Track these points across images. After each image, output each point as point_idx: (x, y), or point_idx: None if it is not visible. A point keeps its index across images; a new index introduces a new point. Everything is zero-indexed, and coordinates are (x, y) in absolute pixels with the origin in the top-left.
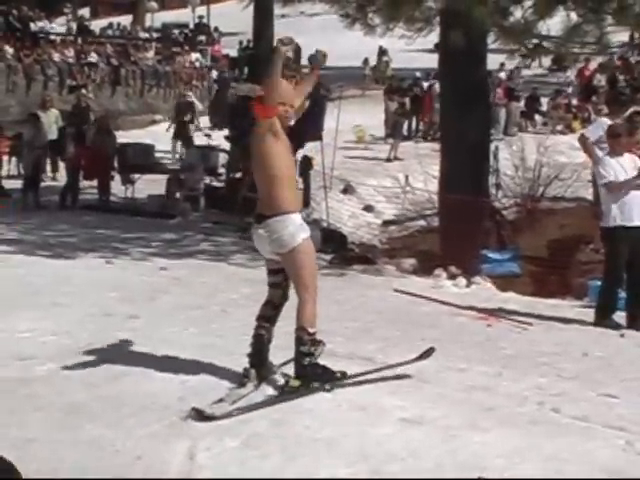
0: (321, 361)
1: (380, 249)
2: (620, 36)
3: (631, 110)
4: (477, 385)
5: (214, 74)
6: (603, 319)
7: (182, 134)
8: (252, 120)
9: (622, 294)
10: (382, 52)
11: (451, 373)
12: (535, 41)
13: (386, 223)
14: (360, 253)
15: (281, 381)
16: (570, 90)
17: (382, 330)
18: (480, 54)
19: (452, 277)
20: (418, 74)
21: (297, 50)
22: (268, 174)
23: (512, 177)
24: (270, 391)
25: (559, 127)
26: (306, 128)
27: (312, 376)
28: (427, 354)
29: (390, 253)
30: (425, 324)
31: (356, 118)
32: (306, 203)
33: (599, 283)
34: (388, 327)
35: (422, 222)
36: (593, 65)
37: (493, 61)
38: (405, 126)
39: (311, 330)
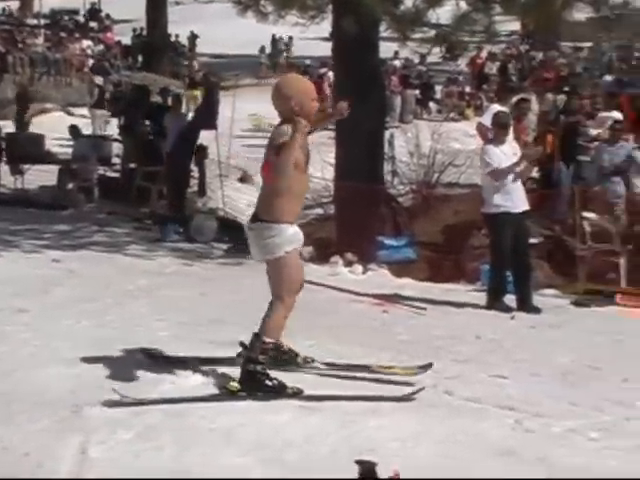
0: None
1: None
2: (511, 25)
3: (518, 97)
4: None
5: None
6: (494, 302)
7: None
8: (145, 109)
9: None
10: (276, 40)
11: (347, 359)
12: (425, 29)
13: None
14: None
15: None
16: (463, 78)
17: None
18: (373, 42)
19: (349, 264)
20: (308, 62)
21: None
22: (280, 185)
23: (407, 164)
24: (213, 389)
25: (453, 114)
26: (201, 117)
27: (256, 384)
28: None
29: None
30: (322, 311)
31: (253, 107)
32: (202, 192)
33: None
34: None
35: (319, 210)
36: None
37: (388, 49)
38: None
39: (266, 339)
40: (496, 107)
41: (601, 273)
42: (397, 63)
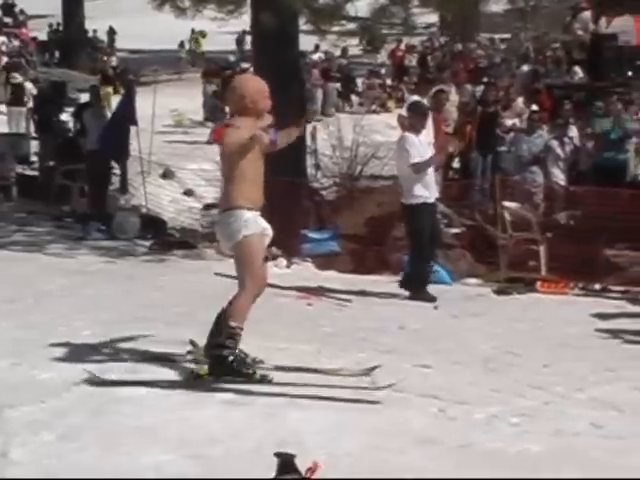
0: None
1: (201, 233)
2: (429, 18)
3: (436, 88)
4: (297, 364)
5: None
6: (418, 293)
7: None
8: (61, 106)
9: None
10: (195, 34)
11: (271, 353)
12: (344, 22)
13: (207, 207)
14: (181, 238)
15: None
16: (384, 71)
17: (203, 314)
18: (292, 35)
19: (273, 258)
20: (231, 57)
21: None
22: (232, 172)
23: (330, 157)
24: (177, 375)
25: (374, 107)
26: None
27: (224, 368)
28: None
29: (212, 237)
30: None
31: (173, 102)
32: (124, 189)
33: None
34: (209, 311)
35: None
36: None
37: (308, 42)
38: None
39: (232, 324)
40: (416, 99)
41: (522, 261)
42: (318, 56)
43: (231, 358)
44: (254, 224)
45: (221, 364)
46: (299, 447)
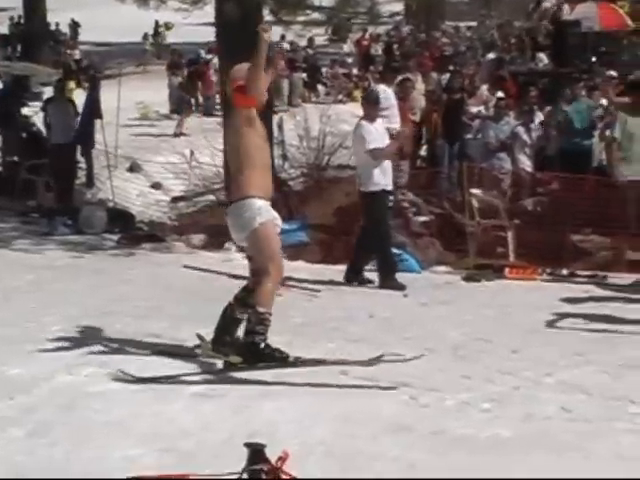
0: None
1: (170, 226)
2: (394, 6)
3: (401, 77)
4: None
5: None
6: (387, 281)
7: None
8: (23, 100)
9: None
10: (159, 26)
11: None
12: (309, 12)
13: (175, 200)
14: (149, 231)
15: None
16: (350, 60)
17: (172, 307)
18: (256, 26)
19: (242, 250)
20: (201, 50)
21: None
22: (240, 161)
23: (298, 147)
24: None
25: (341, 96)
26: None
27: (257, 355)
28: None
29: (180, 230)
30: (215, 299)
31: (139, 95)
32: (90, 183)
33: None
34: (178, 304)
35: (211, 197)
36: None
37: (274, 33)
38: (193, 101)
39: (261, 310)
40: (382, 88)
41: (490, 248)
42: (283, 47)
43: (263, 345)
44: (267, 212)
45: (255, 351)
46: (272, 437)
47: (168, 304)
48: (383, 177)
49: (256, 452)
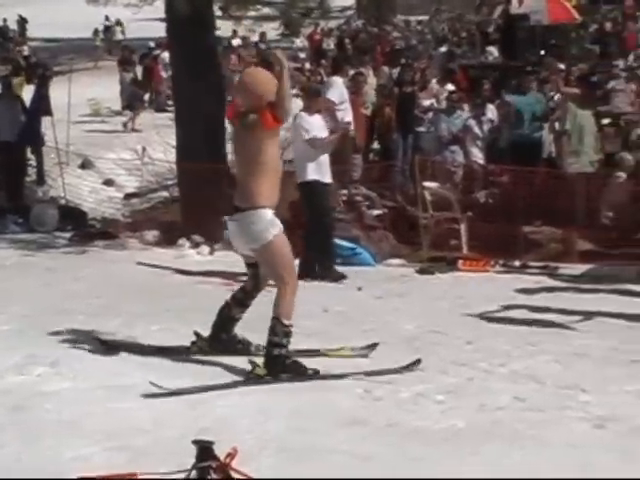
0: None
1: (123, 223)
2: (345, 1)
3: (353, 71)
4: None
5: None
6: (326, 272)
7: None
8: None
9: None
10: (109, 22)
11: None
12: (259, 7)
13: (128, 196)
14: (102, 228)
15: (248, 367)
16: (303, 55)
17: (126, 304)
18: (208, 21)
19: (195, 246)
20: (152, 44)
21: None
22: (255, 170)
23: None
24: (235, 376)
25: (294, 91)
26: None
27: (281, 367)
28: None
29: (133, 226)
30: (169, 295)
31: (90, 91)
32: (40, 181)
33: (337, 241)
34: (132, 301)
35: (164, 193)
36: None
37: (227, 28)
38: (146, 97)
39: (285, 322)
40: (336, 80)
41: (444, 241)
42: (236, 42)
43: (287, 357)
44: (277, 222)
45: (280, 364)
46: (225, 433)
47: (122, 301)
48: (319, 169)
49: (204, 449)
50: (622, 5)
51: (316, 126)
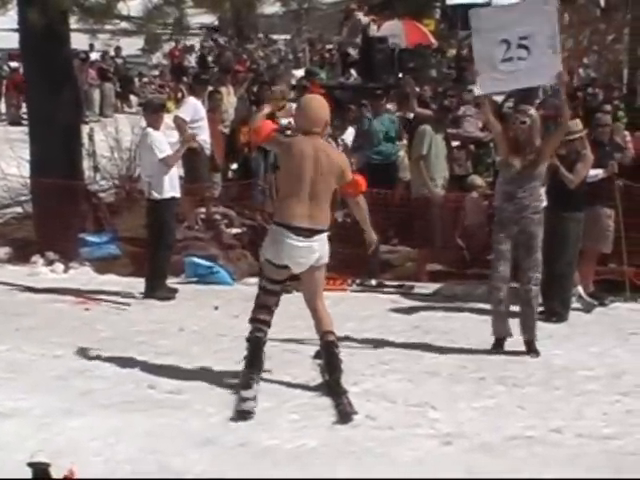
0: None
1: None
2: (204, 18)
3: (210, 89)
4: (73, 370)
5: None
6: (156, 290)
7: None
8: None
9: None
10: None
11: (46, 361)
12: (117, 21)
13: None
14: None
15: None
16: (157, 72)
17: None
18: (63, 34)
19: (50, 263)
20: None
21: None
22: (327, 195)
23: (109, 159)
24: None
25: None
26: None
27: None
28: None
29: None
30: (20, 313)
31: None
32: None
33: (195, 259)
34: None
35: (18, 209)
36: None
37: (83, 41)
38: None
39: (334, 330)
40: (192, 100)
41: None
42: (94, 56)
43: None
44: None
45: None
46: (75, 456)
47: None
48: (172, 185)
49: (39, 472)
50: None
51: (164, 142)
